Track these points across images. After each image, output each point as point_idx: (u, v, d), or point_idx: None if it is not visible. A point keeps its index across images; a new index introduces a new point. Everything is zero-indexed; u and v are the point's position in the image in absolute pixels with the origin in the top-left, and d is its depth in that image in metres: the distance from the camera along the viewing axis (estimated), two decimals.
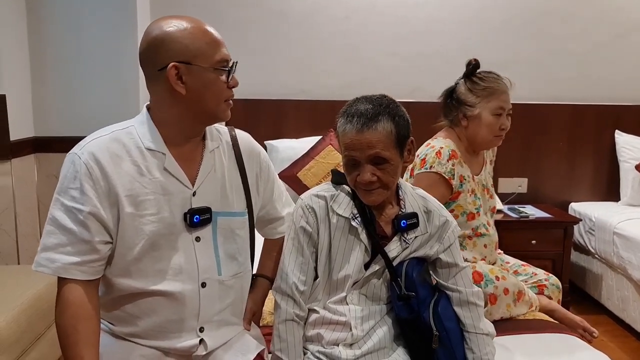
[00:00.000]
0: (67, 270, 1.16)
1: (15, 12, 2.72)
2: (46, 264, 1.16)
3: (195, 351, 1.27)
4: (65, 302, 1.16)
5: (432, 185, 1.78)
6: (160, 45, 1.18)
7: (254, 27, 3.22)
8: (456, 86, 1.95)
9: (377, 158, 1.26)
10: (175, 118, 1.23)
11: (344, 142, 1.28)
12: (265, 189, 1.44)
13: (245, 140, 1.41)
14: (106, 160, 1.18)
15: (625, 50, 3.38)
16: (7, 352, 1.78)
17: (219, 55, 1.21)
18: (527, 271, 2.07)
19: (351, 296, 1.34)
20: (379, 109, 1.27)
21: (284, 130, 3.23)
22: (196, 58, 1.18)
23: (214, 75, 1.20)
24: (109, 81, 2.84)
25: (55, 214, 1.18)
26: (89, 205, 1.16)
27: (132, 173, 1.20)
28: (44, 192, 2.88)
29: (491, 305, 1.76)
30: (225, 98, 1.25)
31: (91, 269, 1.18)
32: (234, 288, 1.34)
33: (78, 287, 1.17)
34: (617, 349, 2.69)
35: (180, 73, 1.18)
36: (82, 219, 1.16)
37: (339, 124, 1.30)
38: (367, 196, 1.31)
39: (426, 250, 1.38)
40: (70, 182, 1.17)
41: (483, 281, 1.78)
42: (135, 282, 1.22)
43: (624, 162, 3.28)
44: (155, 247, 1.21)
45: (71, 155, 1.20)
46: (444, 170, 1.81)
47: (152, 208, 1.21)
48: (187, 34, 1.18)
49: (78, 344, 1.14)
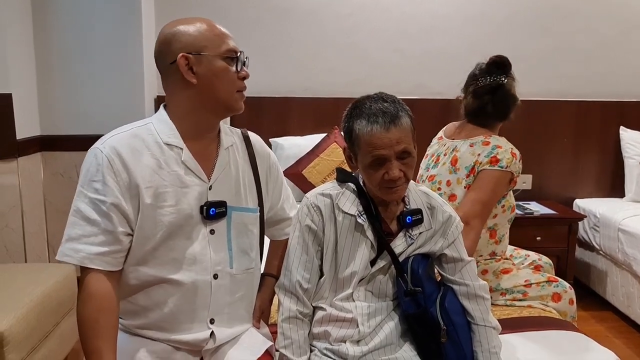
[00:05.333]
0: (92, 260, 1.19)
1: (21, 11, 2.73)
2: (71, 254, 1.19)
3: (206, 345, 1.29)
4: (88, 293, 1.19)
5: (502, 183, 1.82)
6: (170, 40, 1.24)
7: (259, 25, 3.22)
8: (505, 84, 1.87)
9: (404, 153, 1.27)
10: (190, 110, 1.27)
11: (371, 142, 1.26)
12: (274, 190, 1.47)
13: (257, 141, 1.46)
14: (127, 154, 1.22)
15: (630, 47, 3.38)
16: (17, 350, 1.80)
17: (227, 46, 1.25)
18: (521, 254, 2.12)
19: (357, 293, 1.35)
20: (396, 105, 1.29)
21: (289, 128, 3.23)
22: (205, 48, 1.23)
23: (223, 64, 1.24)
24: (115, 79, 2.86)
25: (79, 206, 1.21)
26: (111, 196, 1.19)
27: (151, 166, 1.24)
28: (50, 190, 2.90)
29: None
30: (237, 88, 1.28)
31: (114, 260, 1.21)
32: (244, 282, 1.36)
33: (101, 278, 1.20)
34: (622, 345, 2.69)
35: (191, 63, 1.22)
36: (105, 210, 1.19)
37: (359, 126, 1.28)
38: (391, 193, 1.31)
39: (431, 246, 1.39)
40: (93, 175, 1.20)
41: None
42: (151, 269, 1.25)
43: (629, 159, 3.28)
44: (172, 236, 1.25)
45: (93, 150, 1.23)
46: (516, 170, 1.83)
47: (170, 200, 1.24)
48: (195, 28, 1.24)
49: (98, 336, 1.16)
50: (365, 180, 1.35)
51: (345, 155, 1.38)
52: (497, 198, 1.84)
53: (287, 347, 1.31)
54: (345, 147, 1.38)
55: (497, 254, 1.97)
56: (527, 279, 1.91)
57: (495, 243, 1.95)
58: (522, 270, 1.96)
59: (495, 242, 1.95)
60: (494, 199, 1.82)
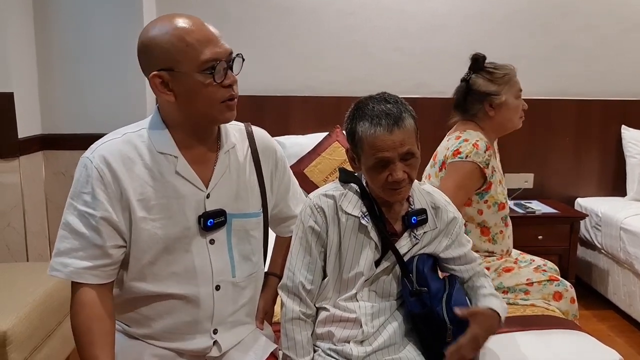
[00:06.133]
0: (80, 275, 1.17)
1: (22, 10, 2.72)
2: (60, 269, 1.17)
3: (209, 352, 1.28)
4: (79, 304, 1.17)
5: (466, 174, 1.85)
6: (144, 52, 1.16)
7: (260, 24, 3.22)
8: (469, 81, 1.97)
9: (408, 154, 1.27)
10: (181, 121, 1.21)
11: (375, 144, 1.25)
12: (280, 187, 1.43)
13: (262, 137, 1.39)
14: (118, 164, 1.17)
15: (631, 45, 3.37)
16: (20, 349, 1.80)
17: (205, 55, 1.13)
18: (526, 259, 2.12)
19: (361, 293, 1.35)
20: (399, 106, 1.27)
21: (290, 127, 3.22)
22: (178, 63, 1.13)
23: (200, 79, 1.13)
24: (116, 79, 2.85)
25: (68, 219, 1.18)
26: (100, 210, 1.16)
27: (144, 177, 1.19)
28: (52, 189, 2.89)
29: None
30: (220, 99, 1.17)
31: (103, 273, 1.19)
32: (247, 288, 1.34)
33: (91, 290, 1.18)
34: (624, 344, 2.70)
35: (165, 80, 1.14)
36: (94, 224, 1.16)
37: (363, 128, 1.27)
38: (396, 195, 1.31)
39: (435, 245, 1.39)
40: (82, 187, 1.18)
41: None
42: (150, 285, 1.22)
43: (631, 157, 3.28)
44: (169, 250, 1.21)
45: (83, 159, 1.20)
46: (480, 160, 1.85)
47: (165, 212, 1.20)
48: (168, 37, 1.12)
49: (93, 344, 1.14)
50: (368, 181, 1.34)
51: (348, 156, 1.37)
52: (465, 190, 1.87)
53: (291, 348, 1.31)
54: (348, 149, 1.37)
55: (496, 254, 1.98)
56: (528, 278, 1.91)
57: (489, 241, 1.96)
58: (523, 268, 1.96)
59: (488, 240, 1.96)
60: (460, 189, 1.85)
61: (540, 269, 2.01)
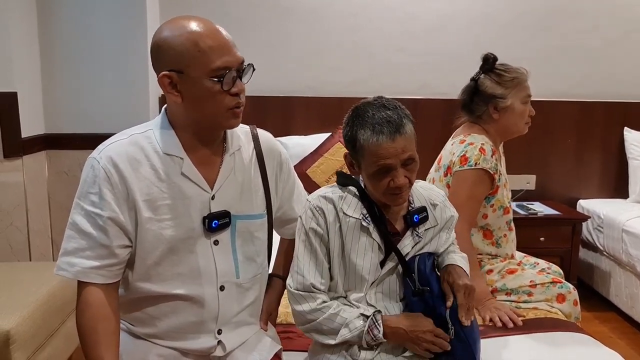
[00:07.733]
0: (86, 274, 1.18)
1: (26, 10, 2.73)
2: (66, 268, 1.18)
3: (214, 352, 1.28)
4: (84, 303, 1.18)
5: (477, 182, 1.84)
6: (157, 52, 1.17)
7: (262, 24, 3.22)
8: (478, 81, 1.95)
9: (409, 160, 1.27)
10: (187, 123, 1.22)
11: (377, 152, 1.25)
12: (284, 189, 1.43)
13: (267, 140, 1.40)
14: (124, 165, 1.18)
15: (634, 47, 3.37)
16: (23, 348, 1.80)
17: (218, 63, 1.13)
18: (530, 261, 2.12)
19: (370, 295, 1.35)
20: (398, 112, 1.27)
21: (292, 127, 3.23)
22: (189, 67, 1.13)
23: (209, 84, 1.14)
24: (119, 79, 2.86)
25: (75, 219, 1.19)
26: (107, 210, 1.17)
27: (150, 178, 1.20)
28: (55, 188, 2.90)
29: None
30: (226, 107, 1.18)
31: (110, 273, 1.20)
32: (252, 289, 1.34)
33: (97, 289, 1.19)
34: (625, 346, 2.69)
35: (174, 81, 1.15)
36: (101, 224, 1.17)
37: (364, 137, 1.26)
38: (397, 200, 1.31)
39: (436, 242, 1.40)
40: (89, 187, 1.18)
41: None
42: (155, 286, 1.23)
43: (633, 159, 3.27)
44: (174, 251, 1.22)
45: (90, 160, 1.21)
46: (489, 166, 1.84)
47: (170, 213, 1.21)
48: (182, 40, 1.13)
49: (98, 344, 1.15)
50: (369, 187, 1.34)
51: (347, 161, 1.36)
52: (477, 198, 1.86)
53: (342, 326, 1.29)
54: (346, 154, 1.36)
55: (499, 257, 1.98)
56: (532, 280, 1.91)
57: (492, 245, 1.96)
58: (526, 270, 1.96)
59: (491, 243, 1.95)
60: (472, 199, 1.84)
61: (544, 271, 2.01)
